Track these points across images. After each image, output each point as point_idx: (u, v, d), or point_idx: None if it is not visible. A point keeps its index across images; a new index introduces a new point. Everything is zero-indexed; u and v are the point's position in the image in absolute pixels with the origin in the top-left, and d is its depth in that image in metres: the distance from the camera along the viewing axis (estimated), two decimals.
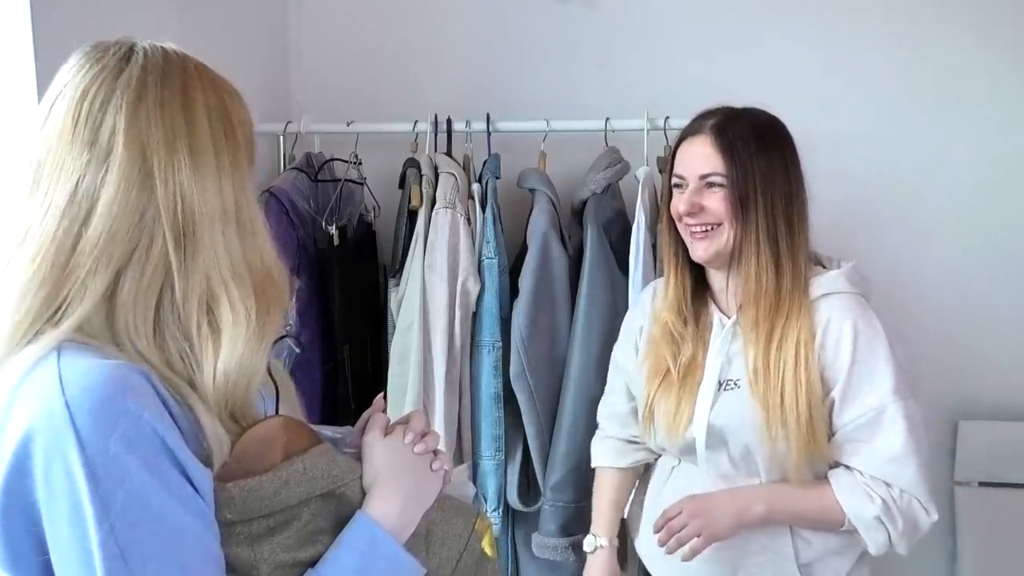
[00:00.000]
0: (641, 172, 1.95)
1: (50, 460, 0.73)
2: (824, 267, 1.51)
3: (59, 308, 0.79)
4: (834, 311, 1.42)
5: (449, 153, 2.08)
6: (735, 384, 1.45)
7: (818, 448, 1.39)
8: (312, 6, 2.38)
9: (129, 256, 0.80)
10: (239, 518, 0.82)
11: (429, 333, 1.95)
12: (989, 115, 2.19)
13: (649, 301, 1.63)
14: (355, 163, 2.13)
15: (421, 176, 2.00)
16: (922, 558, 2.34)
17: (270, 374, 0.90)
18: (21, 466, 0.74)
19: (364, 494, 0.90)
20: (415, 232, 1.99)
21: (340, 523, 0.87)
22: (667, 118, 1.96)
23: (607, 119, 2.01)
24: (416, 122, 2.08)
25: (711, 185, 1.44)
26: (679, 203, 1.46)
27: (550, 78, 2.29)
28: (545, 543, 1.96)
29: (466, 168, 2.07)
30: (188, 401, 0.80)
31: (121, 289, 0.80)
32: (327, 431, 0.94)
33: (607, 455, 1.69)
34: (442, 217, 1.95)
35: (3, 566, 0.77)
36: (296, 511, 0.84)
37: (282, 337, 0.97)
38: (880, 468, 1.38)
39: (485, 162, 2.04)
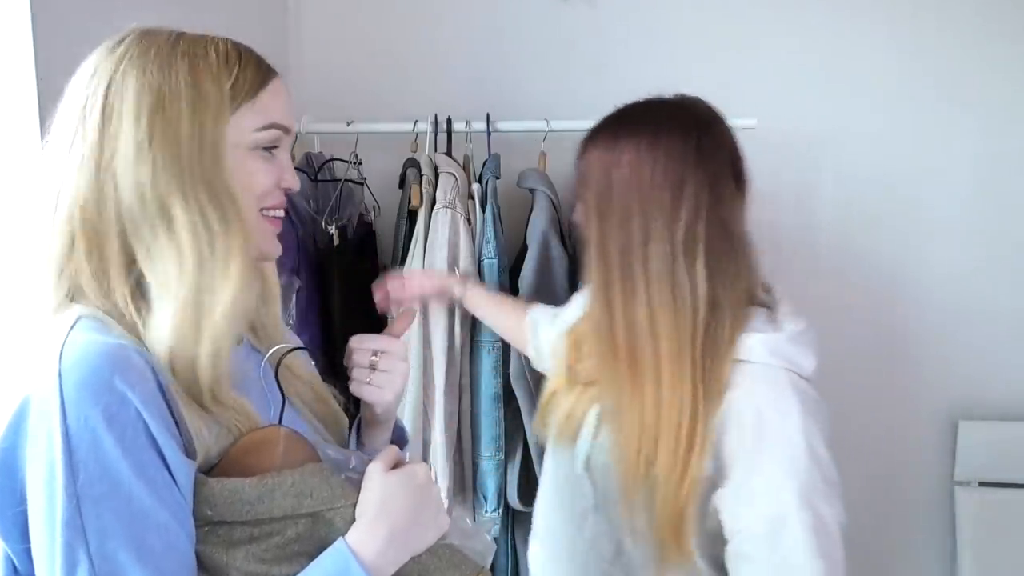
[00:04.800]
0: None
1: (37, 423, 0.77)
2: (767, 307, 1.20)
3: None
4: (746, 383, 1.12)
5: (449, 153, 2.08)
6: None
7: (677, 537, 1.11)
8: (312, 6, 2.38)
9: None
10: (221, 518, 0.81)
11: (429, 333, 1.95)
12: (989, 114, 2.20)
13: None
14: (355, 163, 2.13)
15: (421, 176, 2.00)
16: (922, 558, 2.35)
17: (278, 383, 0.88)
18: (18, 425, 0.79)
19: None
20: (415, 232, 1.98)
21: (324, 548, 0.85)
22: None
23: None
24: (416, 122, 2.08)
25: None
26: None
27: (550, 78, 2.29)
28: None
29: (466, 168, 2.07)
30: (169, 386, 0.81)
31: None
32: (333, 451, 0.91)
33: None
34: (442, 217, 1.95)
35: None
36: (280, 525, 0.82)
37: (295, 349, 0.95)
38: None
39: (485, 162, 2.04)
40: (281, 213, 0.95)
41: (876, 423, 2.32)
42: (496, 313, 1.81)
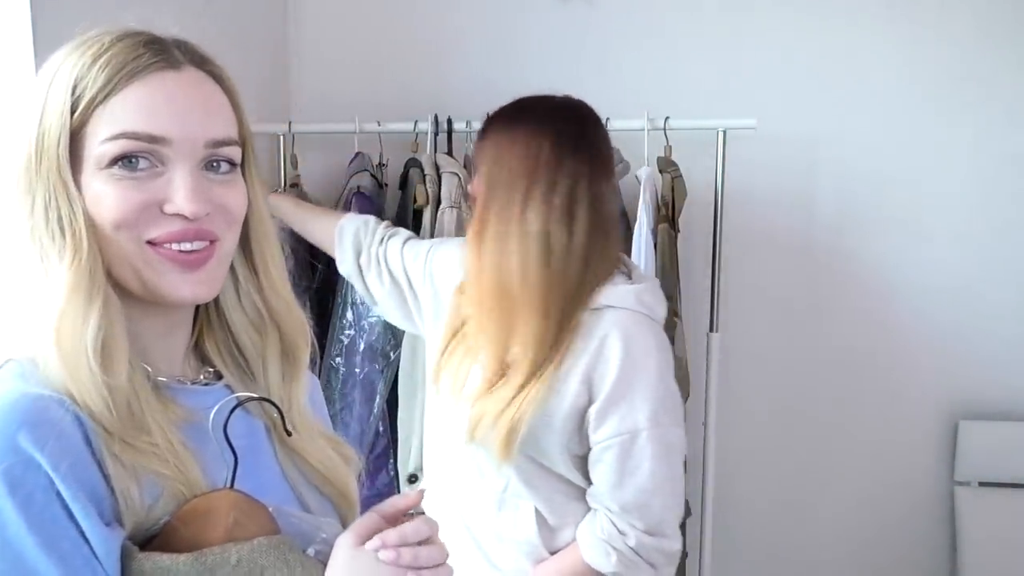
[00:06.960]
0: (642, 172, 1.95)
1: None
2: (627, 275, 1.44)
3: None
4: (616, 325, 1.35)
5: (450, 153, 2.08)
6: None
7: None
8: (312, 6, 2.38)
9: None
10: None
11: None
12: (989, 114, 2.20)
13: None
14: (380, 165, 2.13)
15: (424, 176, 2.00)
16: (922, 558, 2.35)
17: (228, 440, 0.75)
18: None
19: None
20: (421, 231, 1.99)
21: None
22: (667, 118, 1.96)
23: (607, 119, 2.00)
24: (416, 122, 2.08)
25: None
26: None
27: (550, 78, 2.27)
28: None
29: (467, 168, 2.07)
30: (98, 441, 0.69)
31: None
32: (299, 519, 0.77)
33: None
34: (448, 216, 1.96)
35: None
36: None
37: (253, 399, 0.83)
38: (628, 500, 1.34)
39: None
40: (189, 246, 0.75)
41: (876, 423, 2.32)
42: (306, 216, 1.85)
